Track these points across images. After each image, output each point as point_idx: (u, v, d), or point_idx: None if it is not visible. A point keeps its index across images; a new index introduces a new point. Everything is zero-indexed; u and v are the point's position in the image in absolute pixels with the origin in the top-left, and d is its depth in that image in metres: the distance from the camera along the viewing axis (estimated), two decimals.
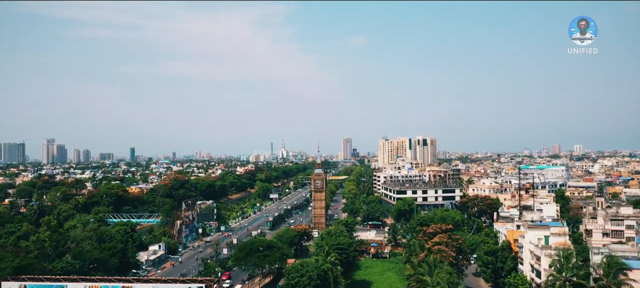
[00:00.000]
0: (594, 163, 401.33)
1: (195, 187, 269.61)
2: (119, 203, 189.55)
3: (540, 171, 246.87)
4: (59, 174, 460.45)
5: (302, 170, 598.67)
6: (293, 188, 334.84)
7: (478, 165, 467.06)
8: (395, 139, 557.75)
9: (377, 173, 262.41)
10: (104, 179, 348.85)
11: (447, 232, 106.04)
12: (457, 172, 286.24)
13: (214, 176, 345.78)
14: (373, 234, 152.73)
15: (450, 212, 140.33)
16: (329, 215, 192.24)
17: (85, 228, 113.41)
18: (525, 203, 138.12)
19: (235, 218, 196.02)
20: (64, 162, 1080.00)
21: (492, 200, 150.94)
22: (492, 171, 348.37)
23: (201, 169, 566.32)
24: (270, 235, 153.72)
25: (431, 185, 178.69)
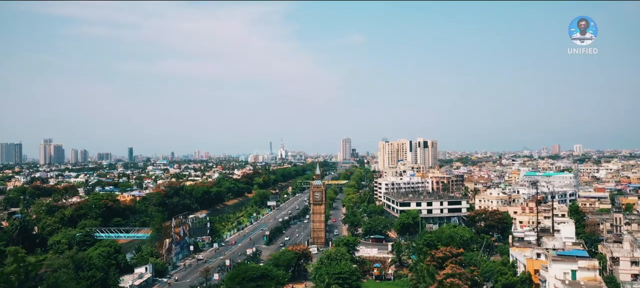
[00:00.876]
0: (598, 166, 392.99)
1: (190, 194, 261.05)
2: (108, 215, 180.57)
3: (547, 178, 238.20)
4: (52, 177, 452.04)
5: (301, 172, 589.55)
6: (291, 194, 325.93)
7: (480, 168, 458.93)
8: (396, 141, 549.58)
9: (378, 180, 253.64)
10: (98, 184, 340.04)
11: (458, 257, 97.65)
12: (461, 179, 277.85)
13: (211, 181, 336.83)
14: (375, 251, 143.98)
15: (458, 228, 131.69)
16: (329, 225, 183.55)
17: (62, 256, 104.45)
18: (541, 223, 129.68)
19: (231, 229, 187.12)
20: (62, 162, 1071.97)
21: (501, 215, 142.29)
22: (496, 175, 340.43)
23: (198, 171, 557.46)
24: (267, 252, 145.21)
25: (436, 197, 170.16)
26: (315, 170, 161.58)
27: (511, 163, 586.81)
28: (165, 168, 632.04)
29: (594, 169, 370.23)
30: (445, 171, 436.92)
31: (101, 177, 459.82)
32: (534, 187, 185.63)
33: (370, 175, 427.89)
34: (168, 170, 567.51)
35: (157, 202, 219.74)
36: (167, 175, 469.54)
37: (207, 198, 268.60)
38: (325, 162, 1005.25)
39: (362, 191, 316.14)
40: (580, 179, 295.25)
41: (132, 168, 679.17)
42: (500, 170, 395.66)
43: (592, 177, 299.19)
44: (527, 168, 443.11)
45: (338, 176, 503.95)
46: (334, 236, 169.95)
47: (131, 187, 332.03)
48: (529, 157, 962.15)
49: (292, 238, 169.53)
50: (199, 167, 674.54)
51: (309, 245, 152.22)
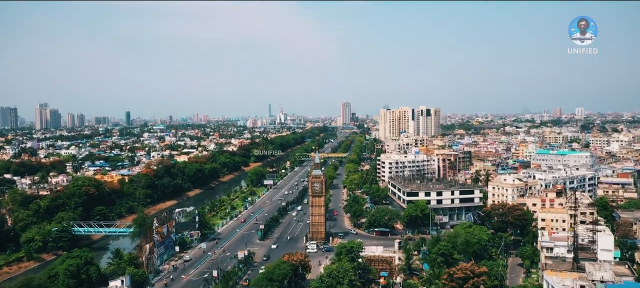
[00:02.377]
0: (607, 138, 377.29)
1: (182, 173, 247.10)
2: (90, 204, 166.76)
3: (561, 158, 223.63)
4: (43, 149, 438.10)
5: (300, 140, 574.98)
6: (289, 168, 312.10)
7: (484, 137, 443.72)
8: (397, 108, 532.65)
9: (381, 159, 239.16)
10: (88, 158, 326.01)
11: (480, 277, 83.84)
12: (468, 156, 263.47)
13: (205, 155, 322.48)
14: (380, 250, 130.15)
15: (474, 228, 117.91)
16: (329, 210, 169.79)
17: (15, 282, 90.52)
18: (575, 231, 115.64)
19: (224, 216, 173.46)
20: (58, 127, 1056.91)
21: (521, 211, 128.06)
22: (503, 149, 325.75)
23: (194, 141, 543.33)
24: (261, 251, 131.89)
25: (447, 185, 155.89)
26: (315, 159, 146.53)
27: (515, 130, 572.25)
28: (162, 135, 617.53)
29: (604, 141, 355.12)
30: (448, 141, 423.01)
31: (94, 147, 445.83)
32: (551, 172, 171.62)
33: (371, 146, 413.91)
34: (164, 138, 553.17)
35: (146, 184, 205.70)
36: (162, 145, 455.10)
37: (200, 177, 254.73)
38: (324, 127, 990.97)
39: (363, 167, 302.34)
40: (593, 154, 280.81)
41: (127, 135, 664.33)
42: (506, 141, 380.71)
43: (606, 152, 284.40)
44: (533, 137, 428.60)
45: (338, 146, 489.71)
46: (334, 227, 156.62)
47: (122, 162, 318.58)
48: (531, 121, 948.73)
49: (289, 230, 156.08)
50: (196, 135, 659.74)
51: (307, 241, 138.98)
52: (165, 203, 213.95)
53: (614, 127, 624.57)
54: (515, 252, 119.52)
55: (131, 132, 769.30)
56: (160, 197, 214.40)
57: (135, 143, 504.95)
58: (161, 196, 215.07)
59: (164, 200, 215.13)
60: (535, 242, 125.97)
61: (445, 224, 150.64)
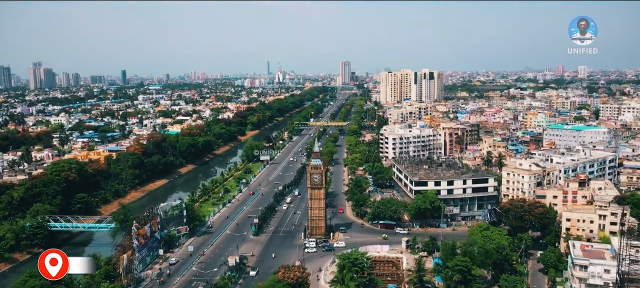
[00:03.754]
0: (618, 104, 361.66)
1: (173, 147, 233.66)
2: (70, 191, 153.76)
3: (576, 133, 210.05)
4: (33, 115, 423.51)
5: (299, 104, 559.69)
6: (288, 139, 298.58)
7: (489, 102, 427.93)
8: (399, 71, 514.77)
9: (384, 134, 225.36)
10: (77, 128, 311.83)
11: None
12: (476, 129, 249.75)
13: (199, 125, 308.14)
14: (386, 249, 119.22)
15: (492, 231, 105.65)
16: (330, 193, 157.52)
17: None
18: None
19: (216, 204, 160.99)
20: (52, 87, 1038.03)
21: (543, 208, 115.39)
22: (510, 118, 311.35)
23: (190, 104, 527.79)
24: (256, 248, 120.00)
25: (459, 173, 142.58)
26: (314, 147, 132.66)
27: (520, 94, 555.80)
28: (157, 98, 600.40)
29: (615, 109, 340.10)
30: (452, 107, 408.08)
31: (85, 113, 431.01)
32: (569, 154, 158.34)
33: (373, 112, 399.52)
34: (158, 102, 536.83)
35: (134, 164, 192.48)
36: (156, 111, 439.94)
37: (193, 152, 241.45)
38: (324, 88, 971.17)
39: (364, 137, 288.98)
40: (605, 124, 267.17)
41: (122, 97, 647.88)
42: (513, 109, 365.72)
43: (620, 124, 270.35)
44: (540, 103, 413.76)
45: (337, 111, 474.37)
46: (335, 217, 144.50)
47: (113, 132, 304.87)
48: (533, 81, 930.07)
49: (286, 220, 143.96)
50: (192, 96, 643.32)
51: (305, 237, 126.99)
52: (155, 183, 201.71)
53: (620, 88, 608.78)
54: (537, 257, 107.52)
55: (126, 93, 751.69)
56: (149, 177, 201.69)
57: (128, 107, 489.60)
58: (151, 175, 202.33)
59: (153, 180, 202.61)
60: (558, 242, 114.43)
61: (456, 216, 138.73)
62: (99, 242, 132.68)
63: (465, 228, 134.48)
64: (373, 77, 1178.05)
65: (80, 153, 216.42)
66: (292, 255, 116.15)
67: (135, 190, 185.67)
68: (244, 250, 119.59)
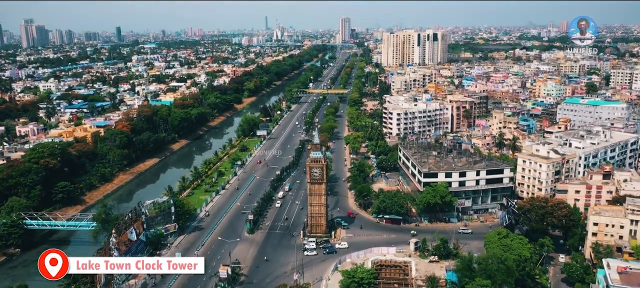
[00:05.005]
0: (630, 69, 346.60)
1: (165, 122, 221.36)
2: (50, 179, 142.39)
3: (592, 108, 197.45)
4: (21, 80, 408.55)
5: (298, 65, 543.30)
6: (286, 109, 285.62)
7: (494, 67, 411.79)
8: (402, 31, 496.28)
9: (388, 108, 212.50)
10: (65, 97, 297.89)
11: None
12: (484, 102, 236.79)
13: (193, 94, 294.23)
14: (392, 252, 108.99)
15: (512, 238, 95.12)
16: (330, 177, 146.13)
17: None
18: None
19: (209, 191, 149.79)
20: (46, 45, 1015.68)
21: (567, 210, 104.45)
22: (518, 85, 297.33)
23: (185, 66, 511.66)
24: (250, 250, 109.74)
25: (471, 163, 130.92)
26: (314, 138, 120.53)
27: (526, 55, 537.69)
28: (151, 60, 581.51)
29: (627, 75, 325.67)
30: (456, 70, 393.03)
31: (76, 77, 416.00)
32: (589, 138, 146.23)
33: (374, 77, 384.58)
34: (152, 65, 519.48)
35: (122, 143, 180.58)
36: (150, 75, 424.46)
37: (186, 126, 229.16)
38: (323, 46, 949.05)
39: (366, 106, 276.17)
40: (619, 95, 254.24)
41: (115, 58, 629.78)
42: (520, 74, 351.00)
43: (636, 96, 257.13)
44: (548, 66, 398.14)
45: (337, 74, 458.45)
46: (336, 207, 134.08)
47: (102, 101, 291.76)
48: (537, 38, 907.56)
49: (283, 212, 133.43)
50: (188, 57, 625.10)
51: (304, 236, 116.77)
52: (146, 163, 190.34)
53: (628, 49, 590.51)
54: (561, 267, 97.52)
55: (120, 52, 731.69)
56: (139, 156, 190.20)
57: (121, 71, 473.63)
58: (140, 155, 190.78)
59: (143, 159, 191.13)
60: (582, 246, 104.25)
61: (468, 209, 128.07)
62: (81, 239, 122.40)
63: (478, 223, 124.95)
64: (373, 33, 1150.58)
65: (66, 129, 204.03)
66: (290, 258, 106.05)
67: (123, 173, 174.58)
68: (238, 252, 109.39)
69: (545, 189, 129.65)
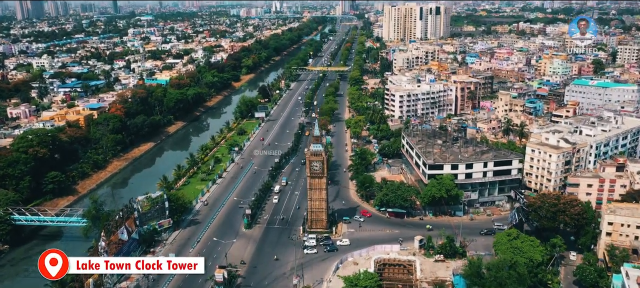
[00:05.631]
0: (637, 44, 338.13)
1: (160, 103, 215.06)
2: (40, 170, 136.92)
3: (602, 91, 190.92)
4: (13, 56, 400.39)
5: (297, 40, 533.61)
6: (284, 88, 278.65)
7: (498, 42, 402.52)
8: (404, 4, 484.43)
9: (390, 89, 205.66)
10: (58, 76, 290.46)
11: None
12: (489, 82, 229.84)
13: (189, 72, 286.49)
14: (396, 250, 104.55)
15: (522, 240, 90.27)
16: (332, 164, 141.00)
17: None
18: None
19: (206, 181, 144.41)
20: (40, 17, 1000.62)
21: (580, 207, 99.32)
22: (524, 63, 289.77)
23: (182, 41, 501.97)
24: (248, 248, 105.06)
25: (478, 154, 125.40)
26: (314, 130, 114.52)
27: (530, 29, 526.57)
28: (147, 33, 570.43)
29: (634, 51, 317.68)
30: (459, 45, 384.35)
31: (71, 53, 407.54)
32: (600, 124, 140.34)
33: (375, 53, 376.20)
34: (149, 39, 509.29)
35: (115, 128, 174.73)
36: (146, 50, 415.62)
37: (182, 108, 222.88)
38: (323, 18, 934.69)
39: (367, 84, 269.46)
40: (628, 74, 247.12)
41: (111, 32, 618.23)
42: (525, 50, 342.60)
43: None
44: (553, 41, 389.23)
45: (338, 49, 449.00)
46: (337, 199, 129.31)
47: (97, 79, 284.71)
48: (541, 10, 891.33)
49: (282, 204, 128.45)
50: (185, 31, 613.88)
51: (304, 232, 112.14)
52: (140, 148, 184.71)
53: (633, 22, 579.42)
54: (573, 270, 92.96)
55: (116, 25, 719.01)
56: (133, 141, 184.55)
57: (116, 45, 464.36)
58: (135, 139, 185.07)
59: (138, 144, 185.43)
60: (594, 244, 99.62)
61: (474, 202, 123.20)
62: (71, 234, 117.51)
63: (485, 217, 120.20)
64: (374, 5, 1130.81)
65: (58, 112, 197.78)
66: (290, 257, 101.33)
67: (117, 159, 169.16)
68: (235, 250, 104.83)
69: (555, 180, 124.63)
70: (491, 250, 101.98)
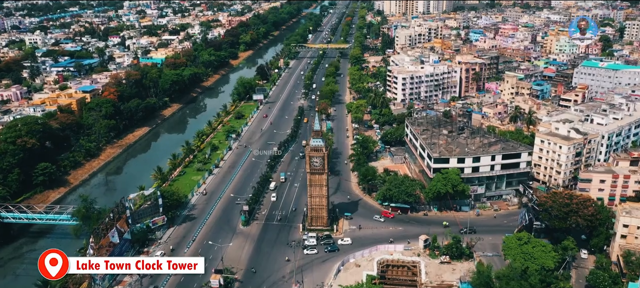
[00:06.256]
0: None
1: (155, 85, 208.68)
2: (29, 161, 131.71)
3: (612, 73, 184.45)
4: (5, 32, 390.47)
5: (296, 13, 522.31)
6: (283, 67, 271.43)
7: (502, 18, 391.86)
8: None
9: (393, 71, 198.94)
10: (51, 54, 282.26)
11: None
12: (495, 62, 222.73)
13: (185, 50, 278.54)
14: (400, 250, 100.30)
15: (533, 244, 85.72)
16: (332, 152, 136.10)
17: None
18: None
19: (202, 171, 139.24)
20: None
21: (594, 208, 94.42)
22: (529, 41, 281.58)
23: (178, 13, 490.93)
24: (245, 248, 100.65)
25: (486, 146, 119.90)
26: (314, 124, 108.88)
27: (534, 2, 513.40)
28: (143, 7, 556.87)
29: None
30: (463, 20, 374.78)
31: (64, 28, 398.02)
32: (612, 112, 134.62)
33: (376, 29, 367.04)
34: (145, 13, 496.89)
35: (108, 113, 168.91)
36: (141, 24, 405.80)
37: (179, 89, 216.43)
38: None
39: (368, 63, 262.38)
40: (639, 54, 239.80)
41: (106, 4, 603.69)
42: (531, 26, 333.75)
43: None
44: (559, 16, 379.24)
45: (338, 23, 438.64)
46: (338, 192, 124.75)
47: (90, 58, 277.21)
48: None
49: (280, 199, 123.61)
50: (180, 4, 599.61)
51: (304, 230, 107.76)
52: (135, 134, 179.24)
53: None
54: (582, 265, 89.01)
55: None
56: (128, 126, 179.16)
57: (111, 19, 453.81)
58: (129, 124, 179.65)
59: (132, 129, 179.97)
60: (607, 245, 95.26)
61: (481, 196, 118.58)
62: (62, 232, 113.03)
63: (491, 212, 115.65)
64: None
65: (50, 96, 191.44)
66: (289, 258, 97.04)
67: (111, 146, 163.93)
68: (231, 250, 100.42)
69: (565, 173, 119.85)
70: (499, 250, 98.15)
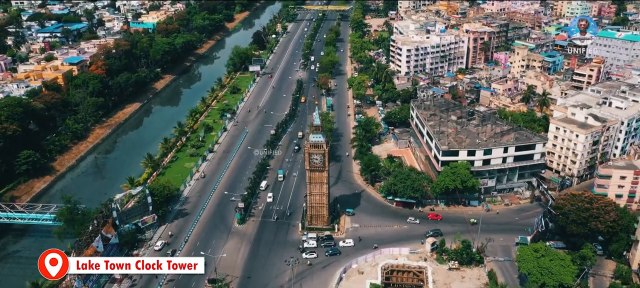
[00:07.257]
0: None
1: (146, 55, 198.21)
2: (11, 148, 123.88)
3: (629, 44, 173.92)
4: None
5: None
6: (281, 32, 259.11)
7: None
8: None
9: (397, 42, 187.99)
10: (37, 17, 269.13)
11: None
12: (505, 29, 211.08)
13: (178, 16, 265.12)
14: (406, 254, 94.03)
15: (550, 258, 79.16)
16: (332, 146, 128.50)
17: None
18: None
19: (195, 157, 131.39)
20: None
21: (616, 213, 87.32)
22: (540, 4, 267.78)
23: None
24: (241, 250, 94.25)
25: (498, 136, 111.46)
26: (314, 118, 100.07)
27: None
28: None
29: None
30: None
31: None
32: (632, 94, 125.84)
33: None
34: None
35: (96, 90, 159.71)
36: None
37: (171, 59, 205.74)
38: None
39: (370, 28, 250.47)
40: None
41: None
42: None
43: None
44: None
45: None
46: (339, 183, 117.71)
47: (78, 22, 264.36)
48: None
49: (278, 193, 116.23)
50: None
51: (304, 229, 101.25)
52: (125, 111, 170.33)
53: None
54: (601, 273, 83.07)
55: None
56: (117, 103, 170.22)
57: None
58: (119, 101, 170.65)
59: (122, 106, 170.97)
60: (627, 250, 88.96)
61: (491, 189, 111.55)
62: (47, 230, 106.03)
63: (502, 207, 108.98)
64: None
65: (35, 68, 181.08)
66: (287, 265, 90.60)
67: (99, 126, 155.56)
68: (227, 252, 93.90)
69: (580, 163, 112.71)
70: (510, 254, 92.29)
